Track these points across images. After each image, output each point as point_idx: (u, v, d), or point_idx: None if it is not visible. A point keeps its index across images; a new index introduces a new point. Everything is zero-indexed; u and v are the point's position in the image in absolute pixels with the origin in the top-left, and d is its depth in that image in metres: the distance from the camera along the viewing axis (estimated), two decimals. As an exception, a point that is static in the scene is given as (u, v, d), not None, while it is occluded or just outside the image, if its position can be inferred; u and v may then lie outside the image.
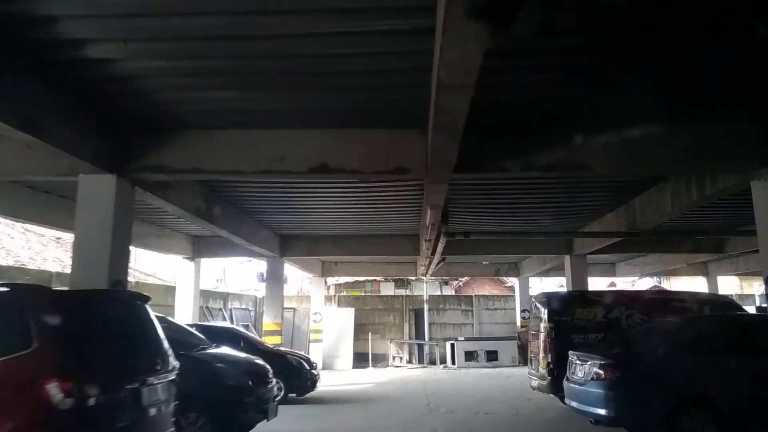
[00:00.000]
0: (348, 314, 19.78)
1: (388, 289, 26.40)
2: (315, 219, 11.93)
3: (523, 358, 18.32)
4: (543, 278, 25.20)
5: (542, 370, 9.73)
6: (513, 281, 23.30)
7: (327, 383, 13.91)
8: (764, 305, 20.41)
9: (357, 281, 26.34)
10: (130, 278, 6.33)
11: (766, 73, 4.86)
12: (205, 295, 17.31)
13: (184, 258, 13.93)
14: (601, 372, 6.83)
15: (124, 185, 6.14)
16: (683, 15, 3.91)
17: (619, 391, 6.66)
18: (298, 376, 11.03)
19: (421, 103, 4.86)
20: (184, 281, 13.96)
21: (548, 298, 10.02)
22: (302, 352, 12.85)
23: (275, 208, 10.75)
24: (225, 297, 18.79)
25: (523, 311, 20.31)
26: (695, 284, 22.49)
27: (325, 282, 23.04)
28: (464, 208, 10.17)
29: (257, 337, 12.71)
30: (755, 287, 24.00)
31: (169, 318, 8.16)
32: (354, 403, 11.44)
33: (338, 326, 19.25)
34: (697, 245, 13.81)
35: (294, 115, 5.97)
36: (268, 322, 14.19)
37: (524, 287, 20.90)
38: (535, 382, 10.16)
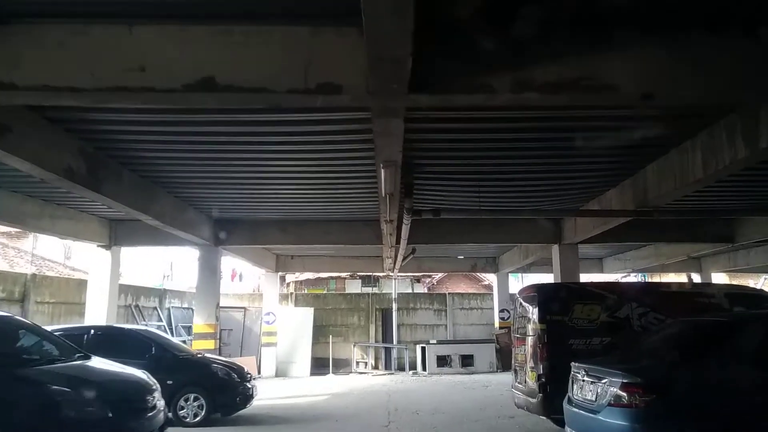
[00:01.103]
0: (306, 315, 17.53)
1: (354, 287, 24.15)
2: (254, 195, 9.59)
3: (502, 364, 16.41)
4: (523, 276, 23.42)
5: (531, 384, 7.60)
6: (491, 278, 21.34)
7: (273, 395, 11.79)
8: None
9: (319, 278, 24.03)
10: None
11: None
12: (136, 291, 14.92)
13: (98, 246, 11.53)
14: (625, 395, 4.72)
15: None
16: None
17: (654, 423, 4.55)
18: (223, 391, 8.73)
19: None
20: (98, 274, 11.54)
21: (539, 293, 7.83)
22: (234, 360, 10.50)
23: (194, 178, 8.39)
24: (161, 294, 16.34)
25: (502, 311, 18.48)
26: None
27: (284, 279, 20.84)
28: (431, 179, 8.04)
29: (177, 342, 10.36)
30: (750, 285, 22.38)
31: (19, 318, 5.82)
32: (293, 425, 9.08)
33: (294, 328, 17.03)
34: (704, 234, 11.82)
35: (162, -2, 3.74)
36: (199, 323, 11.82)
37: (503, 284, 19.05)
38: (521, 398, 8.05)
